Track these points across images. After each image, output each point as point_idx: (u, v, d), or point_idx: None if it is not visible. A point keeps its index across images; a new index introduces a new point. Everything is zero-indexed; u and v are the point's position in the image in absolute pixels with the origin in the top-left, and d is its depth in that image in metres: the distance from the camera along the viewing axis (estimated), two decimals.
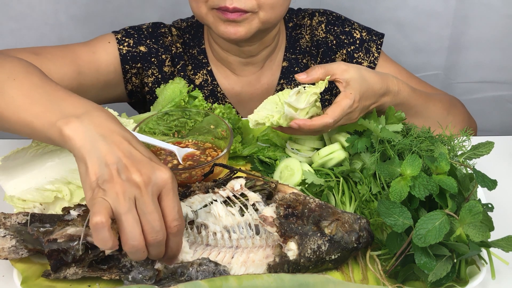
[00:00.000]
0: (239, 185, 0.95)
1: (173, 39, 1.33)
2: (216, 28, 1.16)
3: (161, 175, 0.73)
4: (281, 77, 1.36)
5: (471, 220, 0.81)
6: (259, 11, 1.14)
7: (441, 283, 0.82)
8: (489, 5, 1.72)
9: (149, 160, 0.74)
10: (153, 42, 1.29)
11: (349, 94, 0.99)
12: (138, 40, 1.28)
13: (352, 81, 1.01)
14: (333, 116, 0.98)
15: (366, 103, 1.04)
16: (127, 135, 0.76)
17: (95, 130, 0.75)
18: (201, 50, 1.35)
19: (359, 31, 1.35)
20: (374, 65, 1.33)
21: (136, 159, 0.73)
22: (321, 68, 1.01)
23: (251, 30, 1.15)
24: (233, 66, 1.33)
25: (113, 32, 1.29)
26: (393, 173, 0.89)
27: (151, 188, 0.72)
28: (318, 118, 0.98)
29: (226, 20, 1.13)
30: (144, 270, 0.84)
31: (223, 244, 0.88)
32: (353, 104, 1.00)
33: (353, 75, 1.01)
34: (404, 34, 1.79)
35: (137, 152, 0.74)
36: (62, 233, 0.84)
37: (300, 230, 0.87)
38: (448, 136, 1.07)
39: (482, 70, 1.86)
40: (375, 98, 1.05)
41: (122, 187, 0.70)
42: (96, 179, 0.71)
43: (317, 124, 0.98)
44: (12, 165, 0.97)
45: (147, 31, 1.30)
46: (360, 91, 1.01)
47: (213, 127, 1.15)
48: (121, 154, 0.73)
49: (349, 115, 1.02)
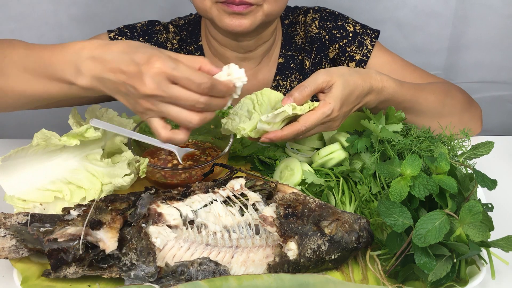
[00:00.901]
0: (239, 185, 0.95)
1: (168, 36, 1.34)
2: (221, 21, 1.16)
3: (155, 64, 0.79)
4: (277, 73, 1.37)
5: (471, 220, 0.81)
6: (263, 4, 1.15)
7: (441, 283, 0.82)
8: (489, 5, 1.72)
9: (137, 72, 0.80)
10: (146, 39, 1.31)
11: (327, 104, 0.97)
12: (130, 38, 1.29)
13: (334, 88, 0.98)
14: (305, 124, 0.96)
15: (347, 109, 1.01)
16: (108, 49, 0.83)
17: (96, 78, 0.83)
18: (198, 46, 1.36)
19: (352, 25, 1.35)
20: (367, 58, 1.33)
21: (129, 72, 0.80)
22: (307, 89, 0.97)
23: (255, 22, 1.16)
24: (230, 62, 1.34)
25: (107, 31, 1.30)
26: (393, 173, 0.89)
27: (162, 87, 0.79)
28: (289, 127, 0.96)
29: (232, 13, 1.14)
30: (146, 267, 0.84)
31: (223, 244, 0.88)
32: (331, 113, 0.97)
33: (336, 82, 0.98)
34: (404, 34, 1.79)
35: (124, 56, 0.81)
36: (62, 233, 0.84)
37: (300, 230, 0.87)
38: (448, 136, 1.07)
39: (482, 70, 1.86)
40: (358, 101, 1.03)
41: (144, 104, 0.81)
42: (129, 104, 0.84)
43: (289, 134, 0.96)
44: (12, 165, 0.97)
45: (141, 29, 1.32)
46: (341, 99, 0.98)
47: (213, 127, 1.15)
48: (119, 75, 0.81)
49: (328, 124, 1.00)
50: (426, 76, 1.33)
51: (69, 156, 1.00)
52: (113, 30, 1.30)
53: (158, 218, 0.89)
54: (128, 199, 0.92)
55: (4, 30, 1.71)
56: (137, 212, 0.88)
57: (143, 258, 0.84)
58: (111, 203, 0.91)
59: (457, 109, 1.25)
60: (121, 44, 0.83)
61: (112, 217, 0.86)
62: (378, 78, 1.06)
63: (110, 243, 0.83)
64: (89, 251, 0.83)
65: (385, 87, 1.06)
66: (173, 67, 0.79)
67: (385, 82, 1.07)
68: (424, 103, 1.16)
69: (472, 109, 1.30)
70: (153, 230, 0.87)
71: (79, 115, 1.05)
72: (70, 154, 1.00)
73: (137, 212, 0.88)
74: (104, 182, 0.99)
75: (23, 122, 1.86)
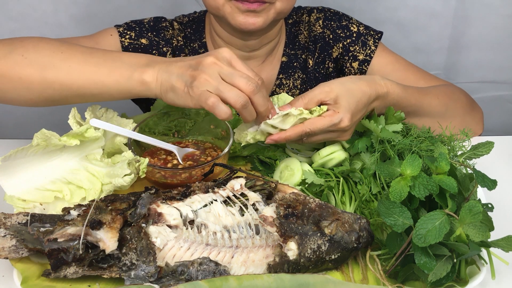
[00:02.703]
0: (239, 185, 0.95)
1: (174, 33, 1.34)
2: (234, 19, 1.17)
3: (223, 51, 0.93)
4: (280, 71, 1.38)
5: (471, 220, 0.81)
6: (276, 1, 1.16)
7: (441, 283, 0.82)
8: (489, 5, 1.72)
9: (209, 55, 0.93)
10: (154, 35, 1.31)
11: (336, 113, 0.97)
12: (139, 33, 1.30)
13: (339, 99, 0.98)
14: (310, 126, 0.97)
15: (357, 118, 1.02)
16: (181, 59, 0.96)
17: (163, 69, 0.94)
18: (202, 43, 1.36)
19: (356, 25, 1.35)
20: (370, 58, 1.33)
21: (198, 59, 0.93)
22: (304, 98, 0.98)
23: (268, 20, 1.18)
24: None
25: (115, 26, 1.31)
26: (393, 173, 0.89)
27: (222, 61, 0.91)
28: (293, 128, 0.97)
29: (246, 10, 1.15)
30: (146, 267, 0.84)
31: (223, 244, 0.88)
32: (339, 123, 0.98)
33: (339, 92, 0.98)
34: (404, 34, 1.79)
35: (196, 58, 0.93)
36: (62, 233, 0.84)
37: (300, 230, 0.87)
38: (448, 136, 1.07)
39: (482, 70, 1.86)
40: (365, 109, 1.03)
41: (204, 74, 0.90)
42: (185, 87, 0.91)
43: (292, 135, 0.97)
44: (12, 165, 0.97)
45: (149, 25, 1.32)
46: (350, 109, 0.98)
47: (213, 127, 1.15)
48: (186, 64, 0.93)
49: (338, 133, 1.01)
50: (429, 77, 1.33)
51: (69, 156, 1.00)
52: (120, 25, 1.30)
53: (158, 218, 0.89)
54: (128, 199, 0.92)
55: (4, 30, 1.71)
56: (137, 212, 0.88)
57: (143, 258, 0.84)
58: (111, 203, 0.91)
59: (460, 111, 1.25)
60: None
61: (112, 217, 0.86)
62: (383, 84, 1.06)
63: (110, 243, 0.83)
64: (89, 251, 0.83)
65: (390, 93, 1.06)
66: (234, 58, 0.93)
67: (389, 87, 1.06)
68: (428, 107, 1.16)
69: (474, 112, 1.31)
70: (153, 230, 0.87)
71: (79, 114, 1.05)
72: (70, 154, 1.00)
73: (137, 212, 0.88)
74: (104, 182, 0.99)
75: (23, 122, 1.87)
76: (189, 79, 0.91)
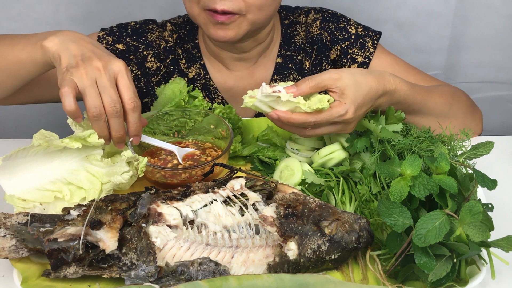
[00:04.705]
0: (239, 185, 0.95)
1: (163, 35, 1.34)
2: (207, 30, 1.17)
3: (116, 63, 0.93)
4: (275, 73, 1.37)
5: (471, 220, 0.81)
6: (247, 14, 1.14)
7: (441, 283, 0.82)
8: (489, 5, 1.72)
9: (107, 55, 0.95)
10: (133, 39, 1.31)
11: (342, 104, 0.97)
12: (117, 38, 1.30)
13: (346, 90, 0.97)
14: (316, 116, 0.96)
15: (361, 111, 1.01)
16: (92, 41, 0.98)
17: (67, 38, 0.96)
18: (195, 44, 1.36)
19: (354, 27, 1.34)
20: (369, 60, 1.32)
21: (97, 53, 0.94)
22: (311, 81, 0.97)
23: (240, 32, 1.16)
24: (226, 61, 1.35)
25: (101, 30, 1.32)
26: (393, 173, 0.89)
27: (108, 71, 0.92)
28: (299, 114, 0.96)
29: (216, 23, 1.14)
30: (146, 267, 0.84)
31: (223, 244, 0.88)
32: (345, 114, 0.97)
33: (347, 83, 0.98)
34: (404, 34, 1.79)
35: (98, 50, 0.96)
36: (62, 233, 0.84)
37: (300, 230, 0.87)
38: (448, 136, 1.07)
39: (482, 70, 1.86)
40: (371, 103, 1.03)
41: (85, 70, 0.91)
42: (66, 66, 0.92)
43: (296, 119, 0.96)
44: (13, 165, 0.97)
45: (132, 28, 1.32)
46: (356, 101, 0.98)
47: (213, 127, 1.15)
48: (85, 50, 0.94)
49: (342, 125, 1.00)
50: (429, 79, 1.33)
51: (69, 157, 1.00)
52: (105, 29, 1.32)
53: (158, 218, 0.89)
54: (128, 199, 0.92)
55: (4, 30, 1.71)
56: (137, 212, 0.88)
57: (143, 258, 0.84)
58: (111, 203, 0.91)
59: (462, 111, 1.25)
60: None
61: (112, 217, 0.86)
62: (392, 80, 1.05)
63: (110, 243, 0.83)
64: (89, 251, 0.83)
65: (398, 89, 1.06)
66: (122, 74, 0.94)
67: (398, 84, 1.06)
68: (433, 106, 1.16)
69: (474, 113, 1.31)
70: (153, 230, 0.87)
71: None
72: (71, 154, 1.00)
73: (137, 212, 0.88)
74: (104, 182, 0.99)
75: (23, 122, 1.87)
76: (73, 63, 0.92)
